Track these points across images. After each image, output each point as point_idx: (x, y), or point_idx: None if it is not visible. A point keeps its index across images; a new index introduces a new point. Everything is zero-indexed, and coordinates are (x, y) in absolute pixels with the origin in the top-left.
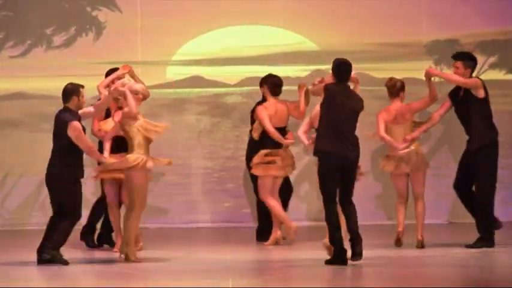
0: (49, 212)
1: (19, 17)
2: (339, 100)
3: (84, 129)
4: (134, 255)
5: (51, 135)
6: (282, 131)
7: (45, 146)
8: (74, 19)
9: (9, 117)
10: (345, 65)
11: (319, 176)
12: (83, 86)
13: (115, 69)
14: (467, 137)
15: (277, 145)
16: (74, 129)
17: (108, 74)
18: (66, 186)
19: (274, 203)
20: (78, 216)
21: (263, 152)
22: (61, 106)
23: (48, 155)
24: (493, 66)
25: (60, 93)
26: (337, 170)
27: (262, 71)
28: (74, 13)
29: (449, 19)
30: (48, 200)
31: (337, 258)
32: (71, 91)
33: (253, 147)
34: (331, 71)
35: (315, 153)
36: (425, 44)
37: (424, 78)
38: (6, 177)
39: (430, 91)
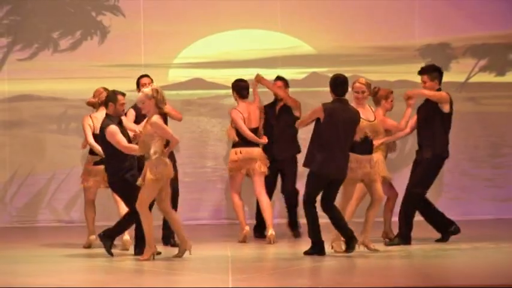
0: (56, 210)
1: (27, 21)
2: (339, 117)
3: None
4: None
5: (57, 135)
6: (256, 131)
7: (51, 146)
8: (80, 24)
9: (17, 118)
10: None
11: (310, 181)
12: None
13: (144, 76)
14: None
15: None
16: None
17: (138, 82)
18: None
19: (236, 201)
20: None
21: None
22: (67, 107)
23: (55, 154)
24: (483, 69)
25: (66, 95)
26: (327, 183)
27: (261, 73)
28: (80, 18)
29: (441, 24)
30: (54, 198)
31: (316, 249)
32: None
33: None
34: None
35: (311, 167)
36: (418, 48)
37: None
38: (15, 176)
39: (404, 118)
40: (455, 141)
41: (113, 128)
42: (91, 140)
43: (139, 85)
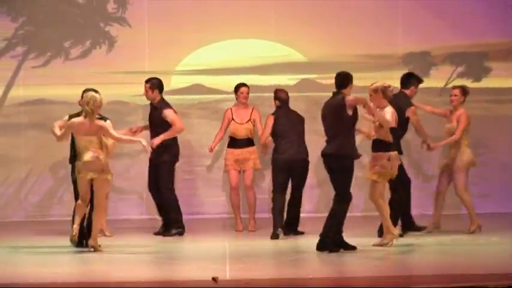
0: (67, 205)
1: (40, 31)
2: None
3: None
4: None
5: (68, 137)
6: None
7: (63, 147)
8: (89, 34)
9: (31, 120)
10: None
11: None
12: None
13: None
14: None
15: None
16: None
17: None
18: None
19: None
20: None
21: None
22: (77, 111)
23: (66, 154)
24: (461, 75)
25: (76, 100)
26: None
27: (256, 79)
28: (89, 28)
29: (422, 33)
30: (66, 194)
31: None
32: None
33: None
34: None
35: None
36: (401, 56)
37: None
38: (29, 175)
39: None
40: (436, 141)
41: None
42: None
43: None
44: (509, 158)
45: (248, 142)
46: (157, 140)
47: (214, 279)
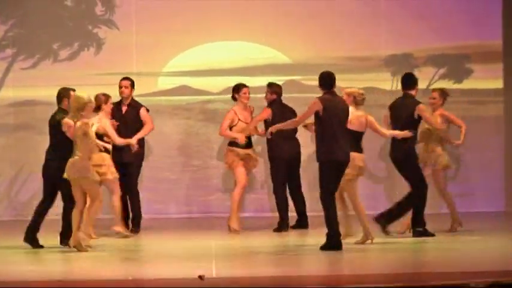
0: (56, 204)
1: (29, 34)
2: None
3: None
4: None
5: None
6: None
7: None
8: (77, 36)
9: (21, 121)
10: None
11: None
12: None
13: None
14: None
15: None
16: None
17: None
18: None
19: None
20: None
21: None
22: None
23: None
24: (442, 76)
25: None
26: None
27: (242, 81)
28: (77, 31)
29: (404, 36)
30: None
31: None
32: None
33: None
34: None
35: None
36: (383, 58)
37: None
38: (18, 174)
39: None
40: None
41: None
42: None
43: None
44: (490, 158)
45: (250, 142)
46: (135, 140)
47: (200, 277)
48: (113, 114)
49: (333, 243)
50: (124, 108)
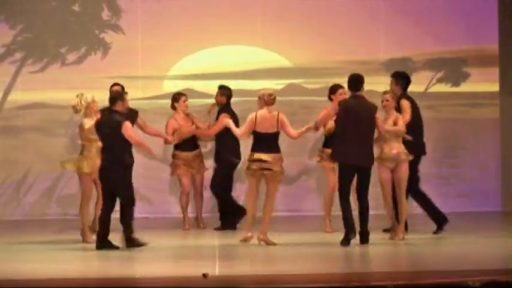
0: (64, 205)
1: (37, 38)
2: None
3: None
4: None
5: (64, 139)
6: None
7: (59, 148)
8: (84, 40)
9: (29, 123)
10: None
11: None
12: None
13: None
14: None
15: None
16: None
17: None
18: None
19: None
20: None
21: None
22: (73, 114)
23: (62, 156)
24: (440, 80)
25: (71, 104)
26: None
27: (245, 84)
28: (84, 35)
29: (403, 40)
30: (63, 194)
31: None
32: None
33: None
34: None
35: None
36: (382, 62)
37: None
38: (27, 175)
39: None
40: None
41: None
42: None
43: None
44: (485, 159)
45: (195, 145)
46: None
47: (204, 275)
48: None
49: (344, 240)
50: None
